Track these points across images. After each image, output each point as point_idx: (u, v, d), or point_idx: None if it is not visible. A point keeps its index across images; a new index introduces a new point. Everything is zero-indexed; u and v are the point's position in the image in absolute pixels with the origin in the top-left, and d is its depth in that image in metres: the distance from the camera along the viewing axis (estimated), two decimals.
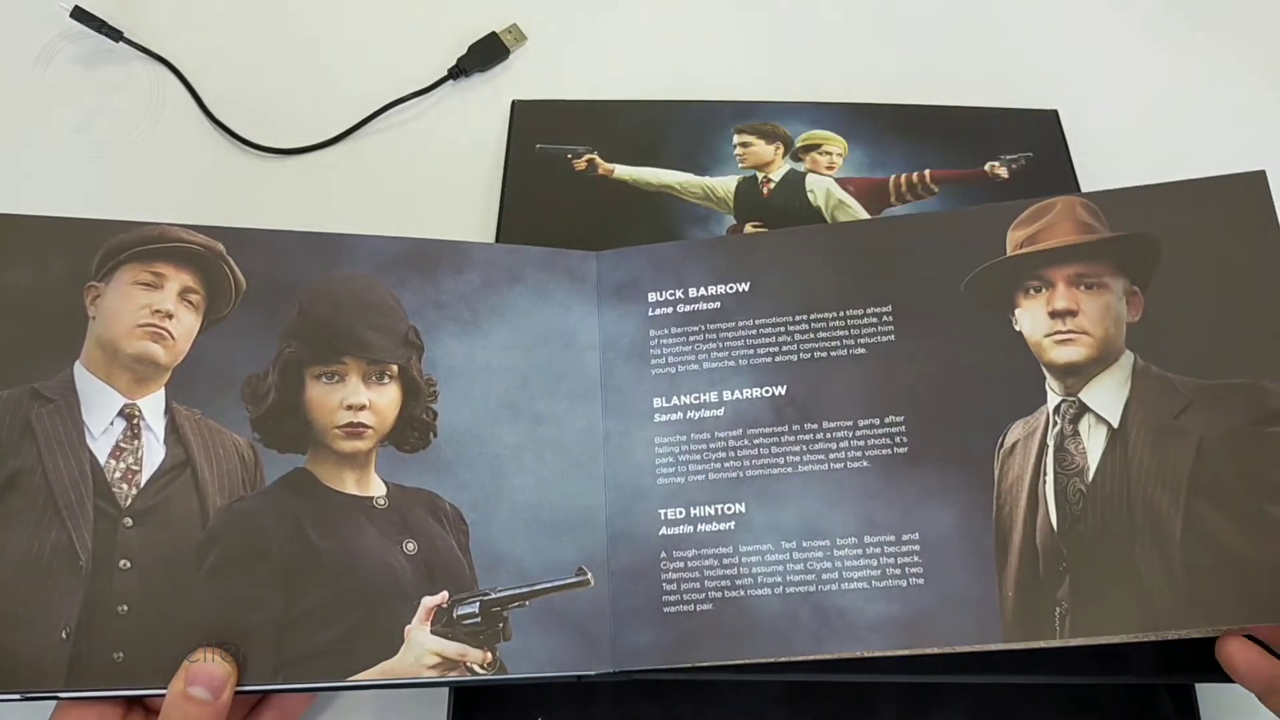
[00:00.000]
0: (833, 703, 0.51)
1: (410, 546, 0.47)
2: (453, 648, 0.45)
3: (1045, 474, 0.47)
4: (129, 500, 0.45)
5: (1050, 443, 0.47)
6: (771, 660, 0.46)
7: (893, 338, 0.50)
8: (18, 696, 0.42)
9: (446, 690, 0.50)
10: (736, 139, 0.65)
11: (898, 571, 0.46)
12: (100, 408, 0.46)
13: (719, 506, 0.48)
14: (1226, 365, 0.47)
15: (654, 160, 0.65)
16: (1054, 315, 0.49)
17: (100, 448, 0.45)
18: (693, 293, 0.52)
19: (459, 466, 0.48)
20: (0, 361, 0.46)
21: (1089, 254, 0.49)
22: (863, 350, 0.50)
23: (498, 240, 0.61)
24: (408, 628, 0.45)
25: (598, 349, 0.52)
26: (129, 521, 0.45)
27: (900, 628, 0.45)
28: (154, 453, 0.46)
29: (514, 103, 0.67)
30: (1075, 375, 0.48)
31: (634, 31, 0.72)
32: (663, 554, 0.48)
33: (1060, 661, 0.47)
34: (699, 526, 0.48)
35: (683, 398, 0.50)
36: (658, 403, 0.50)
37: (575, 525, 0.48)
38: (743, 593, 0.47)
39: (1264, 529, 0.44)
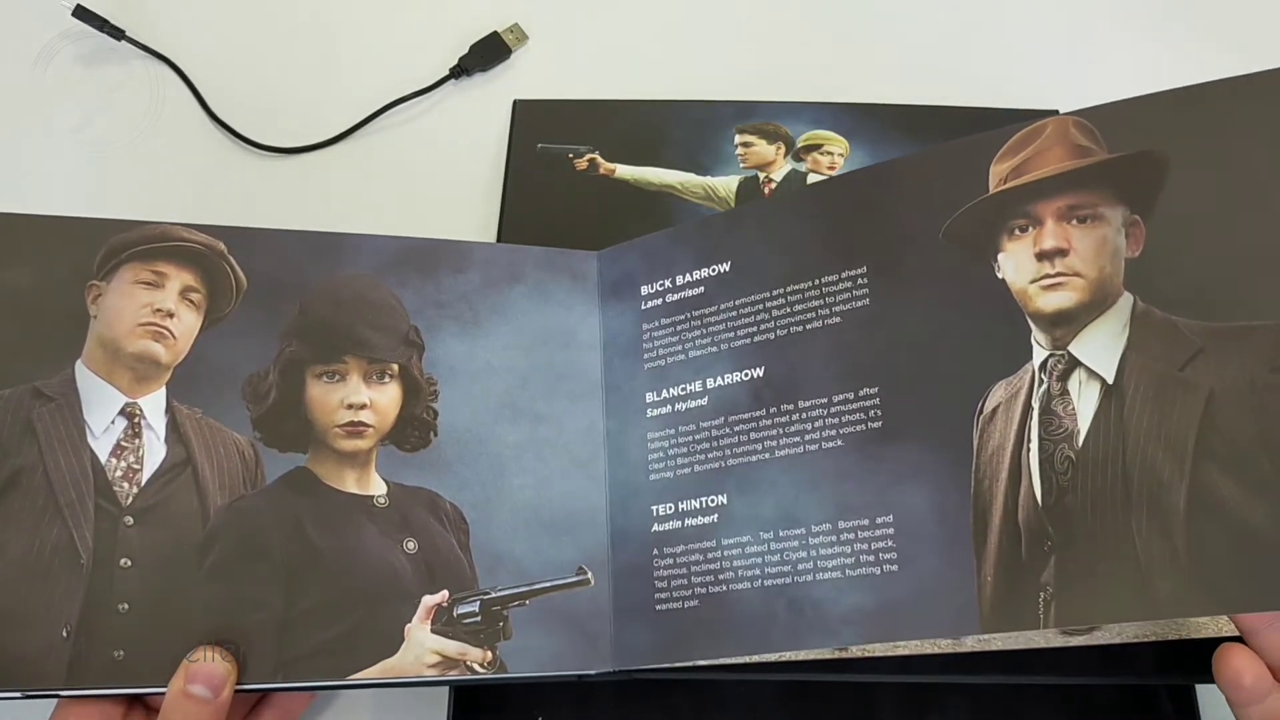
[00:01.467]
0: (833, 703, 0.51)
1: (410, 545, 0.47)
2: (453, 646, 0.45)
3: (1029, 441, 0.42)
4: (130, 499, 0.45)
5: (1035, 405, 0.42)
6: (758, 659, 0.45)
7: (867, 302, 0.46)
8: (18, 694, 0.42)
9: (446, 689, 0.50)
10: (738, 139, 0.65)
11: (871, 559, 0.43)
12: (101, 406, 0.46)
13: (703, 499, 0.47)
14: (1244, 304, 0.39)
15: (655, 160, 0.65)
16: (1041, 257, 0.43)
17: (101, 446, 0.45)
18: (680, 280, 0.51)
19: (459, 466, 0.48)
20: (1, 360, 0.46)
21: (1082, 181, 0.43)
22: (837, 319, 0.47)
23: (499, 240, 0.61)
24: (408, 626, 0.45)
25: (599, 348, 0.52)
26: (130, 520, 0.45)
27: (873, 619, 0.42)
28: (155, 451, 0.46)
29: (515, 102, 0.67)
30: (1065, 325, 0.42)
31: (635, 31, 0.72)
32: (654, 551, 0.47)
33: (1060, 662, 0.46)
34: (686, 521, 0.47)
35: (671, 390, 0.50)
36: (650, 397, 0.50)
37: (575, 525, 0.48)
38: (725, 588, 0.46)
39: (1275, 496, 0.37)
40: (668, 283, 0.51)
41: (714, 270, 0.50)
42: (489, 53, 0.70)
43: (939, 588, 0.42)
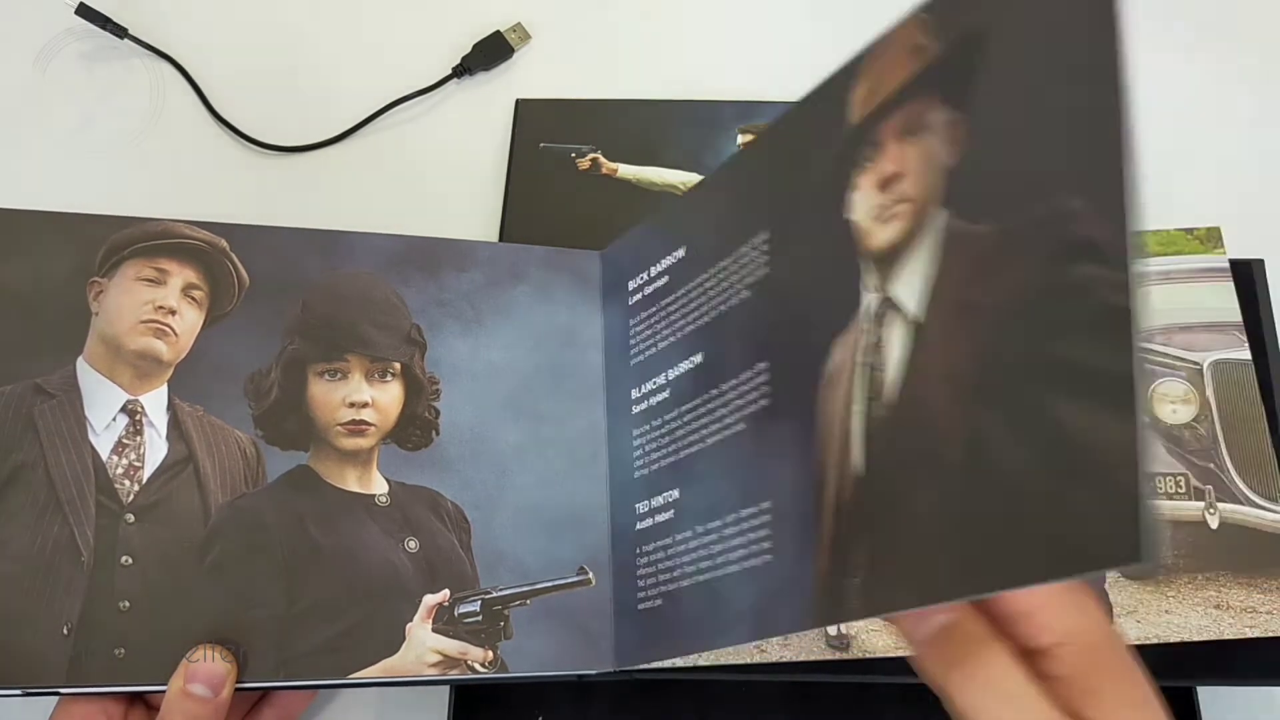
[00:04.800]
0: (833, 703, 0.51)
1: (412, 544, 0.47)
2: (454, 646, 0.45)
3: (854, 402, 0.36)
4: (131, 496, 0.45)
5: (859, 360, 0.36)
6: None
7: (768, 270, 0.42)
8: (19, 692, 0.42)
9: (447, 688, 0.50)
10: (740, 139, 0.65)
11: (756, 549, 0.40)
12: (103, 403, 0.46)
13: (665, 495, 0.46)
14: (1037, 193, 0.31)
15: (658, 160, 0.65)
16: (881, 186, 0.36)
17: (103, 443, 0.45)
18: (653, 271, 0.50)
19: (461, 465, 0.48)
20: (3, 357, 0.46)
21: (913, 90, 0.36)
22: (747, 293, 0.43)
23: (501, 239, 0.61)
24: (409, 625, 0.45)
25: (600, 348, 0.52)
26: (131, 518, 0.45)
27: (754, 615, 0.39)
28: (156, 449, 0.46)
29: (518, 102, 0.67)
30: (890, 260, 0.36)
31: (638, 31, 0.72)
32: (636, 550, 0.47)
33: None
34: (656, 518, 0.46)
35: (647, 385, 0.49)
36: (634, 394, 0.49)
37: (577, 524, 0.48)
38: (675, 585, 0.44)
39: (1041, 439, 0.29)
40: (645, 275, 0.50)
41: (675, 257, 0.48)
42: (491, 52, 0.70)
43: (788, 577, 0.38)
